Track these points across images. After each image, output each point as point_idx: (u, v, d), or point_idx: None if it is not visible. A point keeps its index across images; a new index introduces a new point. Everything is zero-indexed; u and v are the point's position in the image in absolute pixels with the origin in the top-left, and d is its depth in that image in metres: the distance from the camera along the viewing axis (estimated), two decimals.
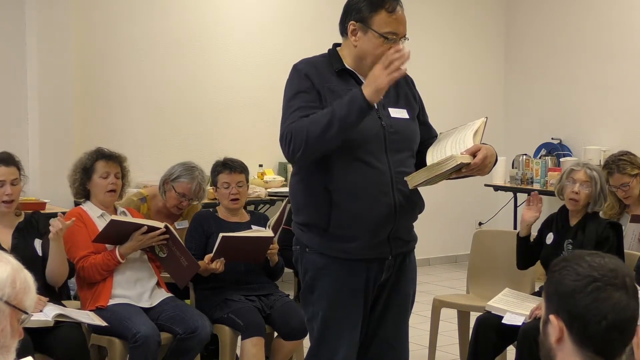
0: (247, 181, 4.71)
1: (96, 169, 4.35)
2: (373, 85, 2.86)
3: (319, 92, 2.99)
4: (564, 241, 4.40)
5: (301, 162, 3.03)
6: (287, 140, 2.92)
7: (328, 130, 2.85)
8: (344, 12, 3.08)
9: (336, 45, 3.15)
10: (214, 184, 4.69)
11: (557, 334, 1.80)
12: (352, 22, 3.03)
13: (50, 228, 3.90)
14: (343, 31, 3.09)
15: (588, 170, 4.40)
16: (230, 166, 4.62)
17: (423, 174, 2.94)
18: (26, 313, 1.86)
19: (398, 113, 3.10)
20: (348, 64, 3.08)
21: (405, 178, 2.96)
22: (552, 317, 1.81)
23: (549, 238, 4.48)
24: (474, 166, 2.96)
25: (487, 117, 3.19)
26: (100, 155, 4.39)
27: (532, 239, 4.52)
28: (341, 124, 2.85)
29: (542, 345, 1.86)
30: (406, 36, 3.03)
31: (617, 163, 5.09)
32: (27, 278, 1.88)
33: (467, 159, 2.94)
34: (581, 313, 1.77)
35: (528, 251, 4.51)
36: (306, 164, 3.04)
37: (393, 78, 2.87)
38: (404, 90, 3.18)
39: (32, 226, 4.12)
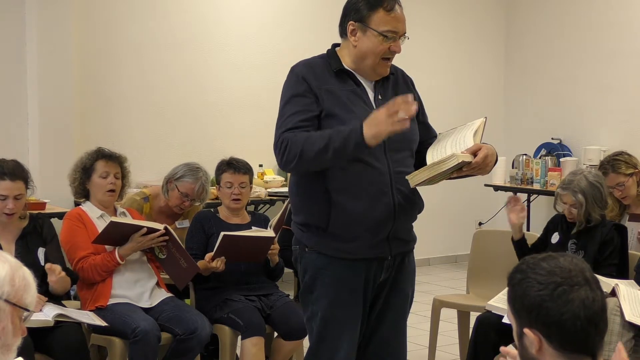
0: (251, 182, 4.70)
1: (96, 169, 4.34)
2: (374, 129, 2.80)
3: (316, 95, 2.99)
4: (569, 241, 4.40)
5: (293, 172, 3.05)
6: (282, 150, 2.93)
7: (322, 155, 2.87)
8: (343, 13, 3.09)
9: (335, 45, 3.16)
10: (217, 182, 4.69)
11: (536, 345, 1.82)
12: (351, 22, 3.03)
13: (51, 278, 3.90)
14: (342, 32, 3.09)
15: (572, 196, 4.35)
16: (234, 166, 4.61)
17: (424, 173, 2.94)
18: (27, 310, 1.86)
19: None
20: (347, 64, 3.08)
21: (406, 177, 2.96)
22: (526, 331, 1.83)
23: (555, 238, 4.48)
24: (475, 165, 2.95)
25: (486, 117, 3.19)
26: (101, 155, 4.38)
27: (528, 240, 4.52)
28: (335, 153, 2.86)
29: (524, 358, 1.87)
30: (406, 35, 3.04)
31: (612, 163, 5.09)
32: (26, 275, 1.88)
33: (468, 158, 2.94)
34: (555, 320, 1.79)
35: (531, 251, 4.49)
36: (299, 174, 3.05)
37: (394, 130, 2.81)
38: (403, 91, 3.17)
39: (36, 233, 4.09)
